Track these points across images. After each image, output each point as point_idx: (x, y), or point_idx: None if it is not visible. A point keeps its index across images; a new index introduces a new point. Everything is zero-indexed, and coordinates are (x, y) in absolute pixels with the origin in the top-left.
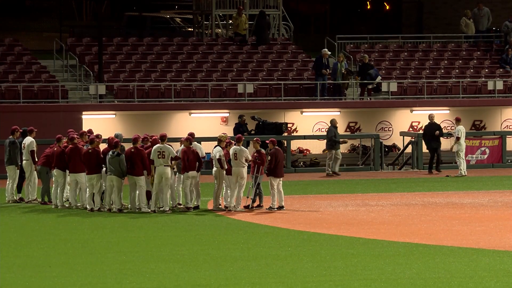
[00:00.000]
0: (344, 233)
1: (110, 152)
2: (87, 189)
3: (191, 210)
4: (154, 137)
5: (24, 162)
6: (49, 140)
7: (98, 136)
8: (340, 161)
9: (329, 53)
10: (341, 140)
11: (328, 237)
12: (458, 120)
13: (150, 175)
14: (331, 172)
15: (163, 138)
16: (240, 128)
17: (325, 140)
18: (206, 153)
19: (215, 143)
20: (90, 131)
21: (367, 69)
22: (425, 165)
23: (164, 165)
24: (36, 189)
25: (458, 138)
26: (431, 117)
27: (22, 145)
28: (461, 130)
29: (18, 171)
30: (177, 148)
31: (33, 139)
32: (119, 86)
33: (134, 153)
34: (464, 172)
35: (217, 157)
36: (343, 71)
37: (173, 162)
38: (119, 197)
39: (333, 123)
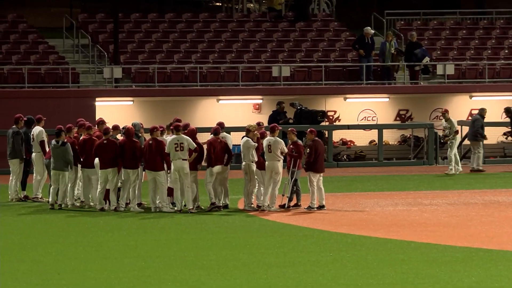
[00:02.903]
0: (394, 236)
1: (54, 142)
2: (99, 186)
3: (220, 210)
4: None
5: (34, 154)
6: None
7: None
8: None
9: (372, 32)
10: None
11: (375, 240)
12: (447, 112)
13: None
14: (478, 167)
15: (178, 128)
16: (277, 116)
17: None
18: (234, 145)
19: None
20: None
21: (413, 49)
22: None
23: (183, 159)
24: (43, 186)
25: (457, 132)
26: None
27: (31, 136)
28: (455, 122)
29: (23, 165)
30: (203, 140)
31: (42, 129)
32: (137, 69)
33: (153, 145)
34: (453, 169)
35: (252, 143)
36: (393, 52)
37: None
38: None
39: (481, 112)
